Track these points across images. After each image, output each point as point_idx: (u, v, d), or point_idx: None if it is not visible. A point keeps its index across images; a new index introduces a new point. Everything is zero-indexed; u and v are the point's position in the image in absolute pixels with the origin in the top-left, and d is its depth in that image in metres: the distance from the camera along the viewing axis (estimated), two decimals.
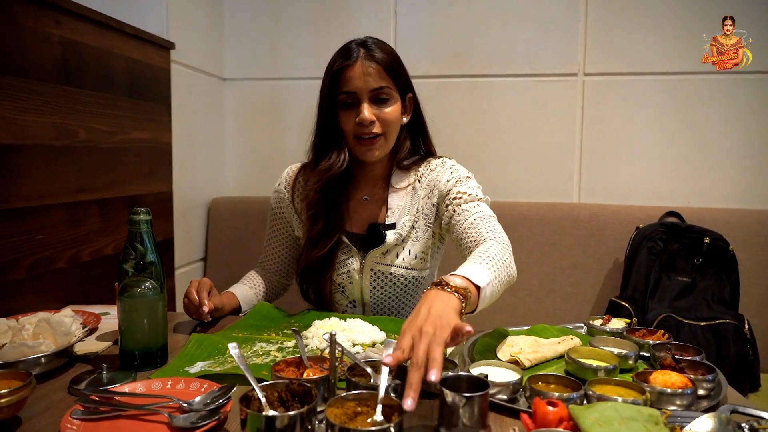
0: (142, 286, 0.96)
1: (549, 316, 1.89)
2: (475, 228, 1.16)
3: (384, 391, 0.68)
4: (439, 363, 0.70)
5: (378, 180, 1.35)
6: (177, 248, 1.94)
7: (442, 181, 1.28)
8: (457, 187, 1.26)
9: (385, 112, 1.23)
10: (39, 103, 1.28)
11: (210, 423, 0.73)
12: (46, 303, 1.31)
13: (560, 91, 2.11)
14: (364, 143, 1.24)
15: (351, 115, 1.23)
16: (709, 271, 1.74)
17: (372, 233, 1.30)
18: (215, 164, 2.24)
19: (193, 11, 2.03)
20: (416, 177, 1.32)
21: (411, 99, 1.33)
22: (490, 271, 0.97)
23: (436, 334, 0.74)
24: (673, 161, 2.05)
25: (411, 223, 1.30)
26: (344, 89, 1.22)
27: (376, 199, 1.35)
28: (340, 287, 1.33)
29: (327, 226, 1.29)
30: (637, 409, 0.70)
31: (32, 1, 1.25)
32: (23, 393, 0.74)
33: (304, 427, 0.66)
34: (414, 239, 1.30)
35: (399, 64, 1.28)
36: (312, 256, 1.27)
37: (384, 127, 1.24)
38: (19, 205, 1.23)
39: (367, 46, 1.24)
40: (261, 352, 1.04)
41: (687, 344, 1.00)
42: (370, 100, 1.22)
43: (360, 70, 1.21)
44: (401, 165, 1.33)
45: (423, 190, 1.31)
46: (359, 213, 1.34)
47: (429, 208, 1.30)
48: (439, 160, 1.35)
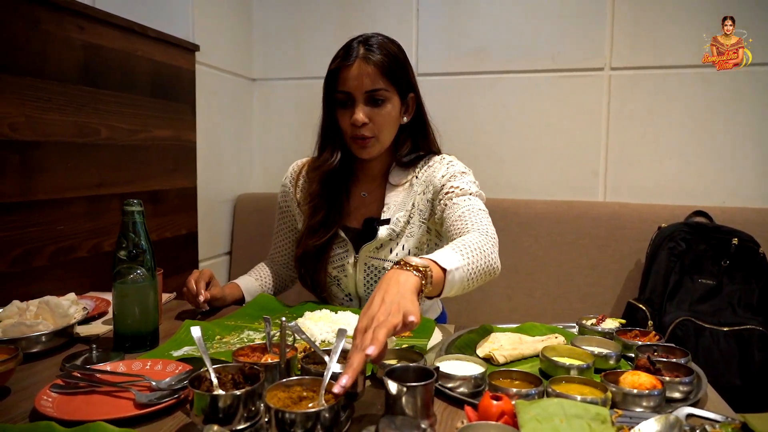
0: (134, 273, 1.02)
1: (565, 316, 1.84)
2: (462, 221, 1.15)
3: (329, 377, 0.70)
4: (379, 342, 0.71)
5: (377, 177, 1.37)
6: (201, 242, 2.02)
7: (437, 176, 1.28)
8: (451, 182, 1.25)
9: (379, 114, 1.24)
10: (61, 103, 1.38)
11: (169, 401, 0.77)
12: (69, 288, 1.40)
13: (585, 87, 2.04)
14: (357, 142, 1.26)
15: (347, 114, 1.26)
16: (738, 274, 1.64)
17: (367, 228, 1.32)
18: (242, 161, 2.32)
19: (220, 15, 2.11)
20: (414, 174, 1.33)
21: (413, 99, 1.33)
22: (461, 257, 0.97)
23: (387, 320, 0.75)
24: (705, 159, 1.94)
25: (406, 219, 1.30)
26: (340, 89, 1.25)
27: (374, 195, 1.37)
28: (336, 280, 1.36)
29: (327, 217, 1.32)
30: (584, 407, 0.68)
31: (56, 8, 1.35)
32: (9, 365, 0.81)
33: (247, 408, 0.69)
34: (408, 235, 1.30)
35: (399, 65, 1.28)
36: (309, 244, 1.31)
37: (377, 129, 1.25)
38: (41, 198, 1.33)
39: (368, 46, 1.24)
40: (247, 339, 1.08)
41: (674, 346, 0.96)
42: (364, 101, 1.24)
43: (357, 71, 1.22)
44: (401, 162, 1.34)
45: (419, 186, 1.31)
46: (358, 208, 1.37)
47: (424, 203, 1.30)
48: (438, 156, 1.35)
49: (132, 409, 0.76)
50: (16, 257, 1.27)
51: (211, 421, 0.67)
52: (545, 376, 0.90)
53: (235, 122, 2.26)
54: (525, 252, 1.94)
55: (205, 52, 1.98)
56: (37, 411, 0.75)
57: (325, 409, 0.64)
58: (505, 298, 1.95)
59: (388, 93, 1.25)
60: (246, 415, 0.69)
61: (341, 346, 0.76)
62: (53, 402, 0.78)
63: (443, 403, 0.81)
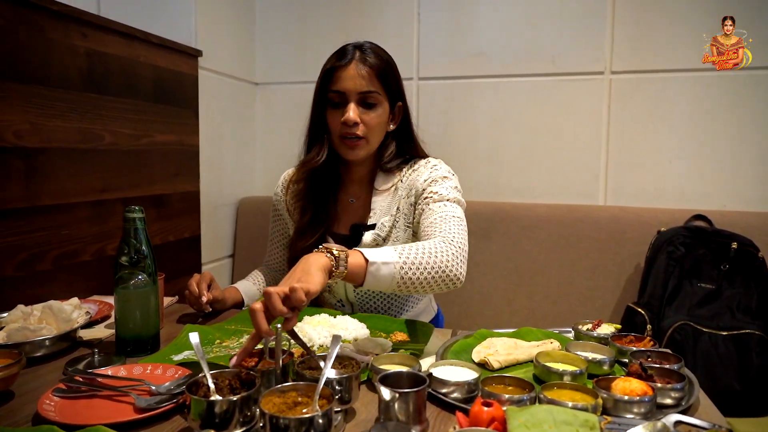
0: (135, 278, 1.04)
1: (565, 320, 1.84)
2: (432, 227, 1.17)
3: (323, 382, 0.72)
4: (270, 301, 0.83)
5: (363, 182, 1.39)
6: (204, 245, 2.04)
7: (419, 180, 1.29)
8: (431, 186, 1.27)
9: (370, 117, 1.26)
10: (65, 110, 1.40)
11: (167, 405, 0.78)
12: (73, 292, 1.41)
13: (586, 91, 2.05)
14: (347, 142, 1.27)
15: (338, 114, 1.27)
16: (737, 279, 1.64)
17: (354, 234, 1.34)
18: (245, 165, 2.34)
19: (223, 20, 2.13)
20: (399, 177, 1.34)
21: (400, 108, 1.35)
22: (397, 256, 1.01)
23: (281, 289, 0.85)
24: (705, 162, 1.94)
25: (391, 224, 1.31)
26: (334, 87, 1.26)
27: (360, 201, 1.38)
28: (327, 286, 1.37)
29: (314, 217, 1.33)
30: (573, 413, 0.70)
31: (60, 16, 1.37)
32: (12, 370, 0.83)
33: (242, 413, 0.71)
34: (394, 239, 1.31)
35: (392, 72, 1.30)
36: (298, 246, 1.32)
37: (367, 131, 1.27)
38: (45, 203, 1.35)
39: (362, 50, 1.28)
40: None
41: (669, 352, 0.97)
42: (357, 102, 1.25)
43: (352, 72, 1.25)
44: (384, 168, 1.35)
45: (403, 189, 1.32)
46: (346, 215, 1.38)
47: (407, 207, 1.31)
48: (423, 160, 1.36)
49: (131, 414, 0.78)
50: (21, 262, 1.30)
51: (208, 426, 0.69)
52: (539, 382, 0.91)
53: (237, 126, 2.28)
54: (525, 255, 1.95)
55: (208, 57, 2.00)
56: (40, 415, 0.77)
57: (319, 415, 0.66)
58: (505, 301, 1.96)
59: (380, 97, 1.27)
60: (242, 420, 0.71)
61: (336, 351, 0.77)
62: (55, 406, 0.80)
63: (436, 408, 0.83)
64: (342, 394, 0.76)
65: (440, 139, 2.17)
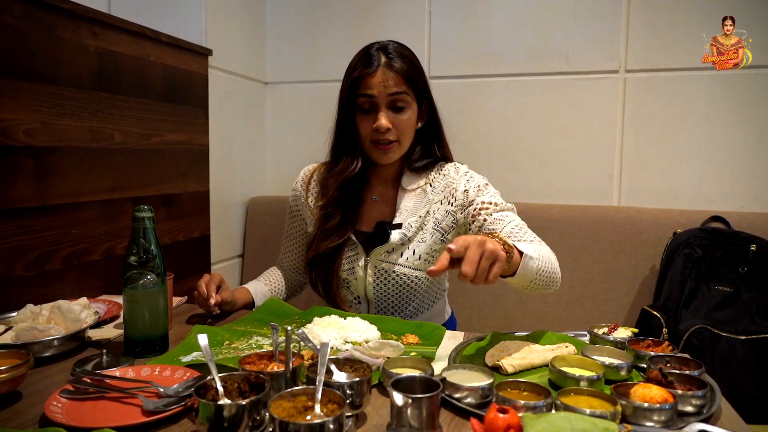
0: (144, 278, 1.03)
1: (578, 322, 1.82)
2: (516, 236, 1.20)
3: (322, 385, 0.70)
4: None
5: (389, 181, 1.39)
6: (213, 245, 2.03)
7: (459, 189, 1.31)
8: (480, 196, 1.28)
9: (400, 120, 1.27)
10: (76, 109, 1.39)
11: (175, 408, 0.77)
12: (82, 291, 1.42)
13: (600, 89, 2.02)
14: (380, 147, 1.28)
15: (368, 120, 1.27)
16: (757, 282, 1.60)
17: (379, 232, 1.33)
18: (254, 165, 2.33)
19: (233, 19, 2.12)
20: (427, 180, 1.35)
21: (427, 105, 1.35)
22: (535, 252, 1.04)
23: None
24: (722, 162, 1.90)
25: (418, 225, 1.31)
26: (363, 93, 1.26)
27: (385, 199, 1.38)
28: (346, 283, 1.37)
29: (342, 222, 1.34)
30: (592, 421, 0.67)
31: (71, 15, 1.37)
32: (20, 370, 0.82)
33: (251, 417, 0.69)
34: (419, 240, 1.31)
35: (418, 72, 1.31)
36: (321, 246, 1.32)
37: (399, 134, 1.28)
38: (56, 202, 1.35)
39: (387, 53, 1.27)
40: (255, 345, 1.08)
41: (688, 357, 0.94)
42: (387, 106, 1.26)
43: (380, 78, 1.25)
44: (412, 167, 1.36)
45: (436, 195, 1.33)
46: (369, 212, 1.37)
47: (441, 213, 1.32)
48: (451, 165, 1.37)
49: (139, 416, 0.77)
50: (31, 261, 1.29)
51: (216, 430, 0.67)
52: (555, 387, 0.88)
53: (247, 125, 2.27)
54: None
55: (218, 56, 1.99)
56: (47, 417, 0.76)
57: (330, 420, 0.64)
58: (518, 304, 1.93)
59: (409, 98, 1.28)
60: (251, 424, 0.69)
61: (326, 360, 0.75)
62: (62, 408, 0.79)
63: (450, 414, 0.81)
64: (353, 399, 0.75)
65: (452, 138, 2.13)
